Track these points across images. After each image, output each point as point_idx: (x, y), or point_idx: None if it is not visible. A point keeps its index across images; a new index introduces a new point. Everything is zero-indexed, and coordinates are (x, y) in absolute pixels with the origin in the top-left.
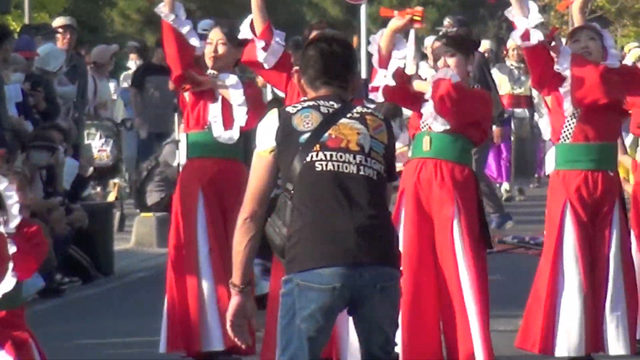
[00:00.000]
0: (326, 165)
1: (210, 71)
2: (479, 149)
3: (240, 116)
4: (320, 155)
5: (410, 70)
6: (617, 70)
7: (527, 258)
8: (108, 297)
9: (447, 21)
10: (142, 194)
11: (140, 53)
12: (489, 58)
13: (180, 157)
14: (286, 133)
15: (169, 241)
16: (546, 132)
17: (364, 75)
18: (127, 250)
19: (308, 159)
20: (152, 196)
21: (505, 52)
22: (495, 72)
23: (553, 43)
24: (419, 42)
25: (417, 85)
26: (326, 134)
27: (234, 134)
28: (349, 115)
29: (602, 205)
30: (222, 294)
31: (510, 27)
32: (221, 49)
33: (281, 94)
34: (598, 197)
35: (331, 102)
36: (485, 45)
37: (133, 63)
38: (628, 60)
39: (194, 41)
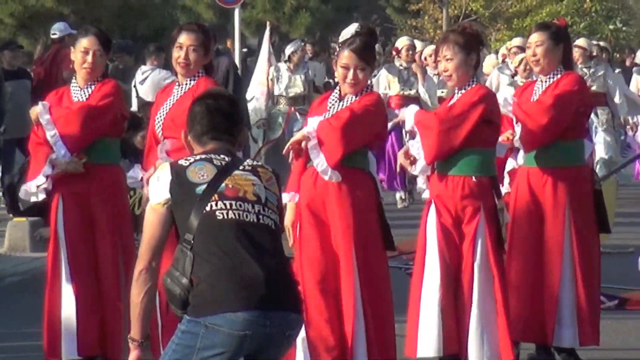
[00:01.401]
0: (227, 213)
1: (73, 84)
2: None
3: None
4: (220, 204)
5: (263, 72)
6: (462, 102)
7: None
8: None
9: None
10: (15, 198)
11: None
12: (378, 61)
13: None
14: (181, 185)
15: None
16: None
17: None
18: (0, 255)
19: (207, 208)
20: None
21: (396, 53)
22: (384, 73)
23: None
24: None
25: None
26: (223, 185)
27: (77, 166)
28: (241, 167)
29: (464, 210)
30: (77, 301)
31: (385, 30)
32: (99, 60)
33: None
34: (459, 202)
35: (222, 155)
36: None
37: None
38: (509, 64)
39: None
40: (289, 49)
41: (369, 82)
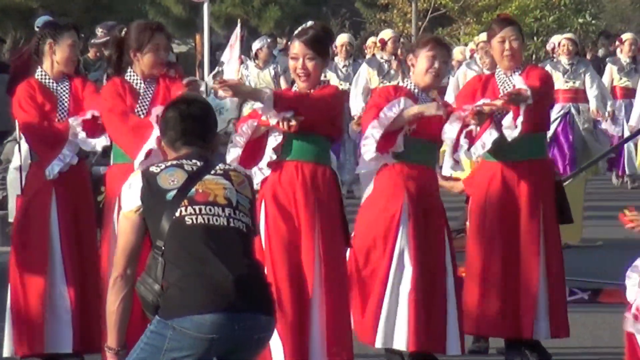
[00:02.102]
0: (196, 218)
1: (44, 77)
2: None
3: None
4: (190, 209)
5: (234, 69)
6: None
7: None
8: None
9: (99, 31)
10: None
11: None
12: (350, 52)
13: (23, 158)
14: (152, 192)
15: (14, 240)
16: None
17: (206, 74)
18: None
19: (177, 214)
20: None
21: (382, 44)
22: (364, 67)
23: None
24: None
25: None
26: (193, 190)
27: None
28: (212, 172)
29: (431, 199)
30: (72, 296)
31: (354, 23)
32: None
33: None
34: (427, 192)
35: (194, 160)
36: (343, 38)
37: None
38: (477, 60)
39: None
40: (255, 46)
41: (323, 76)
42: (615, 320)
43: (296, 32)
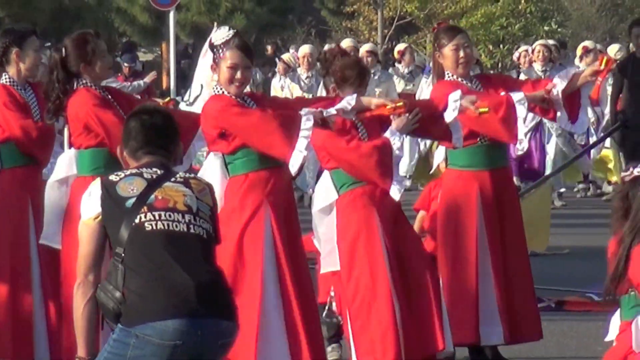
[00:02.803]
0: (156, 224)
1: (13, 83)
2: None
3: None
4: (149, 215)
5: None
6: None
7: None
8: None
9: None
10: None
11: None
12: (312, 63)
13: None
14: (111, 200)
15: None
16: None
17: (172, 82)
18: None
19: (137, 220)
20: None
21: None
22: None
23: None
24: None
25: None
26: (152, 196)
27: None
28: (172, 179)
29: (395, 207)
30: (49, 307)
31: (320, 32)
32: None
33: None
34: (393, 203)
35: (154, 169)
36: (305, 49)
37: None
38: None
39: None
40: None
41: (287, 87)
42: (582, 328)
43: (226, 40)
